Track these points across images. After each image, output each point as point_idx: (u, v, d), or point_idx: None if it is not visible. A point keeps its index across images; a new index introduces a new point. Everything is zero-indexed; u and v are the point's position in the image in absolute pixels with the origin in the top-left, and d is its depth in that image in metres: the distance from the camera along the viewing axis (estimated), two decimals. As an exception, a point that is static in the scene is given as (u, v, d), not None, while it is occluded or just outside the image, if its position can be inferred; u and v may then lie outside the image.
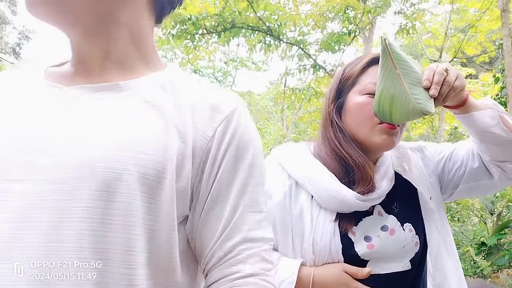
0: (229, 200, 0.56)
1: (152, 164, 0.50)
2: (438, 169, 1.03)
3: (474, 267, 5.43)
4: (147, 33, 0.60)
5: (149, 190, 0.49)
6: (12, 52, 17.11)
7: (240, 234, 0.55)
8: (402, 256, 0.90)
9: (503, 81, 5.55)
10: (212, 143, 0.55)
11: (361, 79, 0.94)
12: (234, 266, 0.55)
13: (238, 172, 0.57)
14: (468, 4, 8.65)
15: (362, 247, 0.88)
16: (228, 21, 5.60)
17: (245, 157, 0.57)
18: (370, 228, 0.90)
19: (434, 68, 0.86)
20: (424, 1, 6.62)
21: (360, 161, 0.91)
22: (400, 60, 0.86)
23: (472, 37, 9.27)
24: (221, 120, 0.57)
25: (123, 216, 0.47)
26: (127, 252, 0.47)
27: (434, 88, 0.83)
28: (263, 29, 5.80)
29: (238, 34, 5.81)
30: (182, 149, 0.53)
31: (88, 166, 0.47)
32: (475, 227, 6.76)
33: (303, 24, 5.97)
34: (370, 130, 0.91)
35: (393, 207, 0.94)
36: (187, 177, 0.53)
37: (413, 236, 0.91)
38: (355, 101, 0.93)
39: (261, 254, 0.56)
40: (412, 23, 6.39)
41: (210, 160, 0.55)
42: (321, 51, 6.33)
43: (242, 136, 0.58)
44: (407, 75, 0.85)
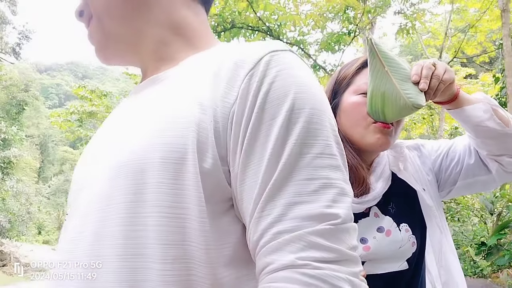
0: (264, 160, 0.44)
1: (170, 146, 0.45)
2: (435, 167, 1.02)
3: (474, 267, 5.43)
4: (189, 18, 0.59)
5: (171, 175, 0.44)
6: (12, 52, 17.12)
7: (277, 208, 0.42)
8: (399, 257, 0.91)
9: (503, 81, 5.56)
10: (235, 107, 0.45)
11: (356, 80, 0.95)
12: (269, 256, 0.42)
13: (269, 124, 0.44)
14: (468, 4, 8.65)
15: (359, 250, 0.88)
16: (228, 21, 5.61)
17: (280, 105, 0.44)
18: (366, 230, 0.90)
19: (422, 63, 0.87)
20: (424, 1, 6.62)
21: (353, 163, 0.91)
22: (387, 58, 0.86)
23: (472, 37, 9.27)
24: (245, 75, 0.46)
25: (153, 207, 0.44)
26: (158, 246, 0.43)
27: (424, 82, 0.84)
28: (263, 29, 5.80)
29: (238, 34, 5.81)
30: (203, 123, 0.45)
31: (118, 166, 0.47)
32: (475, 227, 6.76)
33: (303, 24, 5.98)
34: (364, 129, 0.91)
35: (389, 207, 0.94)
36: (212, 154, 0.45)
37: (409, 236, 0.92)
38: (349, 101, 0.94)
39: (308, 237, 0.41)
40: (412, 23, 6.39)
41: (234, 128, 0.45)
42: (321, 51, 6.33)
43: (272, 82, 0.45)
44: (395, 72, 0.86)
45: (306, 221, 0.41)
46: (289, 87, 0.45)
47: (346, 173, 0.47)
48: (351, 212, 0.45)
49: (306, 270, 0.40)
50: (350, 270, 0.41)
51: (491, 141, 0.91)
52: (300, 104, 0.45)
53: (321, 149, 0.45)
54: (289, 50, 0.50)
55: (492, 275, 5.20)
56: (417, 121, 10.15)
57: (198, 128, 0.45)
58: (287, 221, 0.42)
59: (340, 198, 0.44)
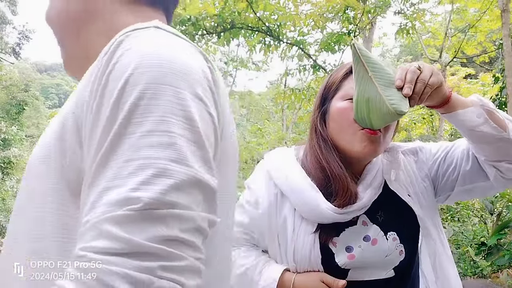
0: (93, 145, 0.42)
1: (45, 149, 0.49)
2: (432, 172, 0.99)
3: (474, 267, 5.42)
4: (124, 19, 0.58)
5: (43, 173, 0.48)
6: (12, 52, 17.11)
7: (93, 196, 0.39)
8: (385, 265, 0.90)
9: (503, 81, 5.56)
10: (88, 93, 0.45)
11: (343, 85, 0.93)
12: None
13: (106, 106, 0.42)
14: (468, 4, 8.65)
15: (343, 258, 0.88)
16: (228, 21, 5.60)
17: (116, 85, 0.42)
18: (352, 238, 0.90)
19: (407, 67, 0.83)
20: (424, 1, 6.61)
21: (338, 173, 0.89)
22: (371, 63, 0.84)
23: (472, 37, 9.27)
24: (101, 58, 0.45)
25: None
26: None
27: (408, 87, 0.80)
28: (262, 30, 5.80)
29: (238, 34, 5.81)
30: (67, 120, 0.47)
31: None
32: (475, 227, 6.75)
33: (303, 24, 5.97)
34: (351, 136, 0.89)
35: (377, 216, 0.93)
36: (72, 146, 0.46)
37: (397, 245, 0.90)
38: (336, 106, 0.92)
39: (102, 225, 0.36)
40: (412, 23, 6.38)
41: (87, 115, 0.44)
42: (321, 51, 6.32)
43: (116, 62, 0.43)
44: (380, 77, 0.83)
45: (111, 207, 0.37)
46: (128, 65, 0.42)
47: (186, 152, 0.41)
48: (170, 196, 0.38)
49: (80, 263, 0.35)
50: (138, 265, 0.35)
51: (488, 146, 0.87)
52: (134, 81, 0.42)
53: (152, 127, 0.40)
54: (154, 26, 0.48)
55: (492, 275, 5.20)
56: (417, 121, 10.14)
57: (63, 124, 0.47)
58: (97, 208, 0.37)
59: (154, 180, 0.38)
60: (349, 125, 0.88)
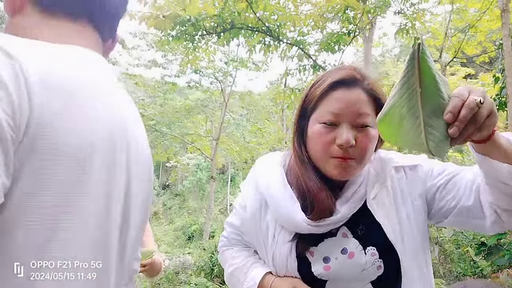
0: None
1: None
2: (429, 195, 0.94)
3: (474, 267, 5.43)
4: (45, 34, 0.59)
5: None
6: (12, 53, 17.08)
7: None
8: (362, 279, 0.89)
9: (503, 81, 5.56)
10: None
11: (320, 105, 0.90)
12: None
13: None
14: (468, 4, 8.66)
15: (319, 268, 0.88)
16: (228, 22, 5.61)
17: None
18: (329, 250, 0.89)
19: (465, 96, 0.65)
20: (424, 1, 6.61)
21: (314, 189, 0.90)
22: (428, 76, 0.67)
23: (472, 37, 9.28)
24: None
25: None
26: None
27: (456, 127, 0.65)
28: (262, 30, 5.80)
29: (238, 35, 5.81)
30: None
31: None
32: (475, 227, 6.75)
33: (303, 24, 5.97)
34: (324, 162, 0.89)
35: (358, 229, 0.91)
36: None
37: (375, 260, 0.88)
38: (312, 128, 0.91)
39: None
40: (412, 23, 6.38)
41: None
42: (321, 51, 6.32)
43: None
44: (429, 98, 0.67)
45: None
46: None
47: None
48: None
49: None
50: None
51: (505, 197, 0.79)
52: None
53: None
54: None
55: (492, 275, 5.20)
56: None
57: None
58: None
59: None
60: (322, 150, 0.88)
